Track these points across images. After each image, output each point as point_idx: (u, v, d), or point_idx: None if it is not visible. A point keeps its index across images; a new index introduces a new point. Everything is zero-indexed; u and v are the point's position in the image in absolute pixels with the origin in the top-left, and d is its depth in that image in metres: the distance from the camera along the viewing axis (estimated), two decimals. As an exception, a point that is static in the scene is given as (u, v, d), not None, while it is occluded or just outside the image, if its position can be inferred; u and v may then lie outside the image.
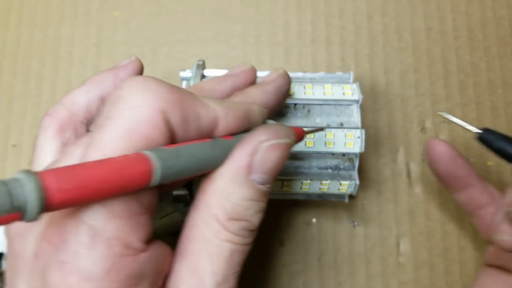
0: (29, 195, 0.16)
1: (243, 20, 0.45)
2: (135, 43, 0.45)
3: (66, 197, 0.17)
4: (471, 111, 0.42)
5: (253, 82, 0.29)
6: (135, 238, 0.20)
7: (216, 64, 0.44)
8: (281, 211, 0.41)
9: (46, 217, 0.21)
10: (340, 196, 0.36)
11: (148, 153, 0.19)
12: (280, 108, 0.31)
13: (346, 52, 0.44)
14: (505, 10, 0.44)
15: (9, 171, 0.42)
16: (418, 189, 0.41)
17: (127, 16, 0.45)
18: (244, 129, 0.24)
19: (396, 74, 0.43)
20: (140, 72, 0.29)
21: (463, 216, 0.40)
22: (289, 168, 0.33)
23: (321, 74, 0.35)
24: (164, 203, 0.32)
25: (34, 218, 0.16)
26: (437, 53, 0.44)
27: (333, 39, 0.44)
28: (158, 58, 0.44)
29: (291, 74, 0.35)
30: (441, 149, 0.33)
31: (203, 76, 0.34)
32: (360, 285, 0.39)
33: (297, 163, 0.33)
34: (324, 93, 0.33)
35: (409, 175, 0.41)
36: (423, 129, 0.42)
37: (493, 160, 0.41)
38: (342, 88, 0.34)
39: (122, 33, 0.45)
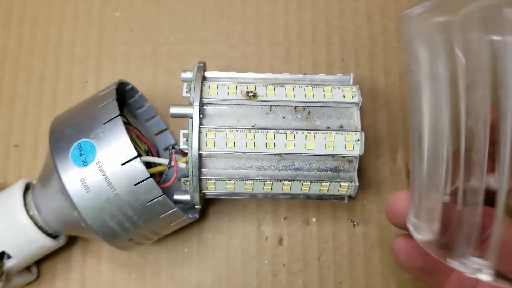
0: None
1: (243, 21, 0.45)
2: (136, 43, 0.45)
3: None
4: (470, 112, 0.43)
5: None
6: None
7: (217, 64, 0.44)
8: (281, 211, 0.41)
9: None
10: (340, 197, 0.37)
11: None
12: None
13: (346, 52, 0.44)
14: (504, 10, 0.44)
15: (11, 171, 0.42)
16: (417, 189, 0.41)
17: (128, 17, 0.46)
18: None
19: (396, 74, 0.44)
20: None
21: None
22: (289, 170, 0.33)
23: (322, 76, 0.36)
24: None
25: None
26: (437, 54, 0.44)
27: (333, 39, 0.44)
28: (159, 58, 0.45)
29: (292, 76, 0.36)
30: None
31: (204, 78, 0.35)
32: (359, 284, 0.40)
33: (297, 164, 0.33)
34: (325, 96, 0.33)
35: (408, 175, 0.42)
36: (422, 129, 0.42)
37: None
38: (342, 90, 0.34)
39: (123, 33, 0.45)
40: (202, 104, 0.32)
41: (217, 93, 0.33)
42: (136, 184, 0.30)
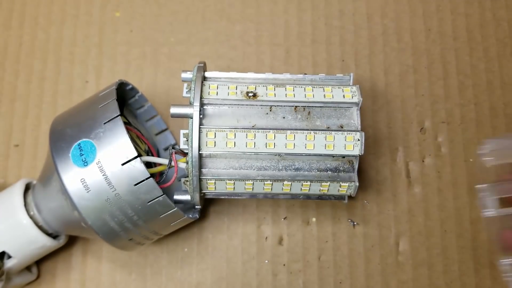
0: None
1: (243, 21, 0.45)
2: (136, 44, 0.45)
3: None
4: (470, 112, 0.43)
5: None
6: None
7: (217, 65, 0.44)
8: (281, 211, 0.41)
9: None
10: (340, 197, 0.37)
11: None
12: None
13: (346, 52, 0.44)
14: (504, 11, 0.45)
15: (11, 171, 0.42)
16: (417, 189, 0.41)
17: (129, 17, 0.46)
18: None
19: (396, 74, 0.44)
20: None
21: (461, 216, 0.41)
22: (289, 170, 0.33)
23: (321, 76, 0.36)
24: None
25: None
26: (437, 54, 0.44)
27: (333, 39, 0.45)
28: (159, 58, 0.45)
29: (292, 76, 0.36)
30: None
31: (204, 78, 0.35)
32: (359, 284, 0.40)
33: (297, 164, 0.33)
34: (325, 96, 0.33)
35: (408, 175, 0.42)
36: (422, 129, 0.42)
37: (491, 160, 0.42)
38: (342, 90, 0.34)
39: (124, 33, 0.45)
40: (202, 104, 0.32)
41: (217, 93, 0.33)
42: (136, 184, 0.30)
